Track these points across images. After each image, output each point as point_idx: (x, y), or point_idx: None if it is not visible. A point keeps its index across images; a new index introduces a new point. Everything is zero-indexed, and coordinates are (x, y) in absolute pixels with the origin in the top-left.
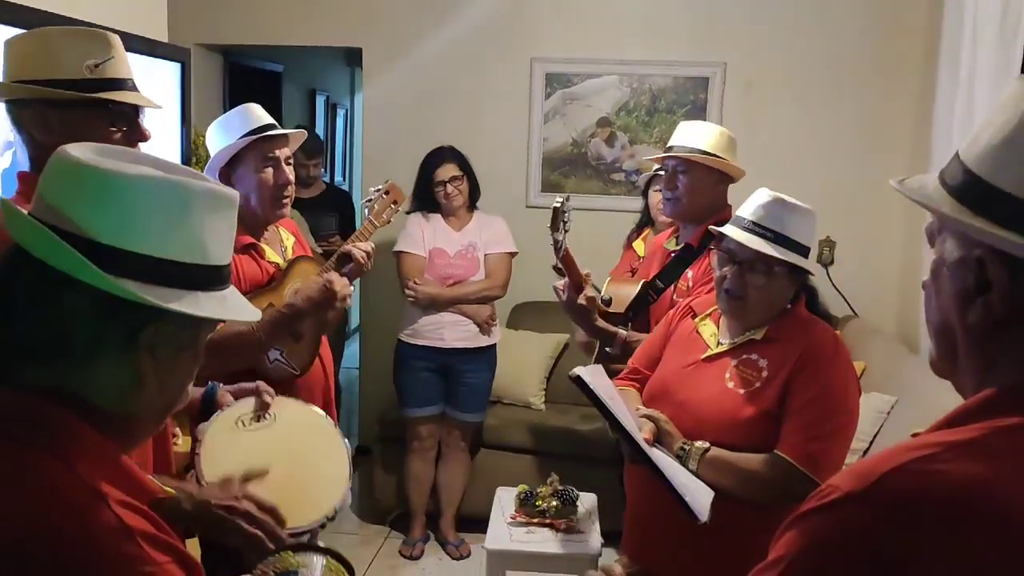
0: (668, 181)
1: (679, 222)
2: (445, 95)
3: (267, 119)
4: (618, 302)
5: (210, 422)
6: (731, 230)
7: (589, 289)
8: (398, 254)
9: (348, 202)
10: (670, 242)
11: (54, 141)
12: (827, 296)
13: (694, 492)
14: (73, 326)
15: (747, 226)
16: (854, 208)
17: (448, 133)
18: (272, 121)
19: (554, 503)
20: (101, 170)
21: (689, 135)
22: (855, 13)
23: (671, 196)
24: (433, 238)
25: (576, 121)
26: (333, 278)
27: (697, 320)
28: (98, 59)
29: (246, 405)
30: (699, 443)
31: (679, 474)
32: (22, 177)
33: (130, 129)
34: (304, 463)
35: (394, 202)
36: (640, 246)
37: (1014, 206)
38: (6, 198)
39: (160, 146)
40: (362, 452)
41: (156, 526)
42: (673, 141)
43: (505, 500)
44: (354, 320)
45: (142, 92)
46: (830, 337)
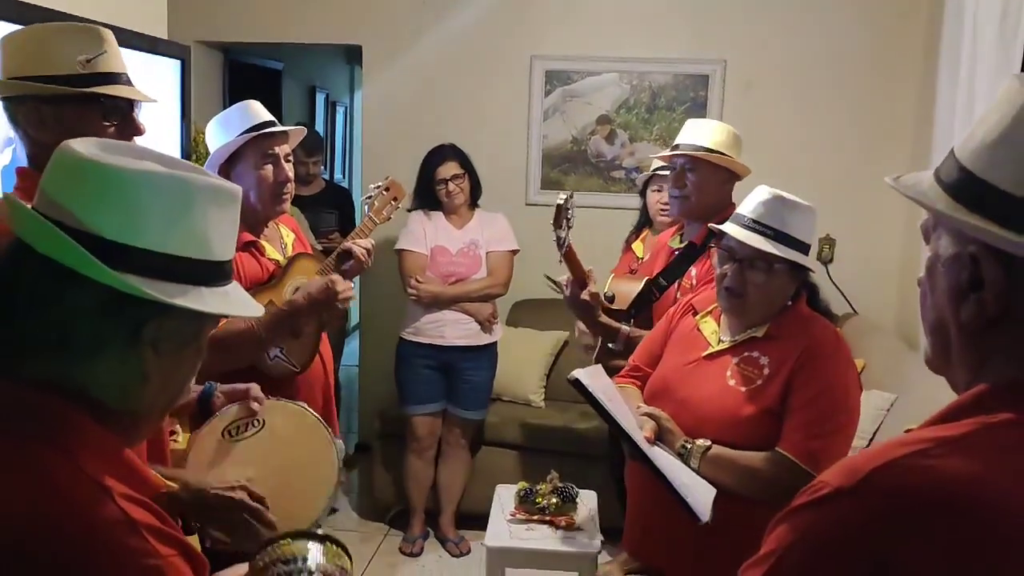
0: (676, 179)
1: (686, 220)
2: (444, 93)
3: (267, 116)
4: (621, 299)
5: (199, 432)
6: (731, 228)
7: (592, 285)
8: (400, 252)
9: (348, 199)
10: (674, 240)
11: (49, 137)
12: (827, 294)
13: (695, 492)
14: (76, 322)
15: (747, 224)
16: (854, 206)
17: (447, 131)
18: (272, 118)
19: (554, 500)
20: (104, 166)
21: (696, 133)
22: (855, 11)
23: (679, 194)
24: (435, 236)
25: (576, 118)
26: (336, 279)
27: (698, 317)
28: (90, 54)
29: (234, 412)
30: (700, 441)
31: (680, 474)
32: (21, 173)
33: (124, 123)
34: (288, 474)
35: (394, 199)
36: (639, 247)
37: (1008, 203)
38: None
39: (160, 143)
40: (362, 449)
41: (160, 519)
42: (680, 139)
43: (505, 497)
44: (354, 317)
45: (137, 87)
46: (831, 334)
